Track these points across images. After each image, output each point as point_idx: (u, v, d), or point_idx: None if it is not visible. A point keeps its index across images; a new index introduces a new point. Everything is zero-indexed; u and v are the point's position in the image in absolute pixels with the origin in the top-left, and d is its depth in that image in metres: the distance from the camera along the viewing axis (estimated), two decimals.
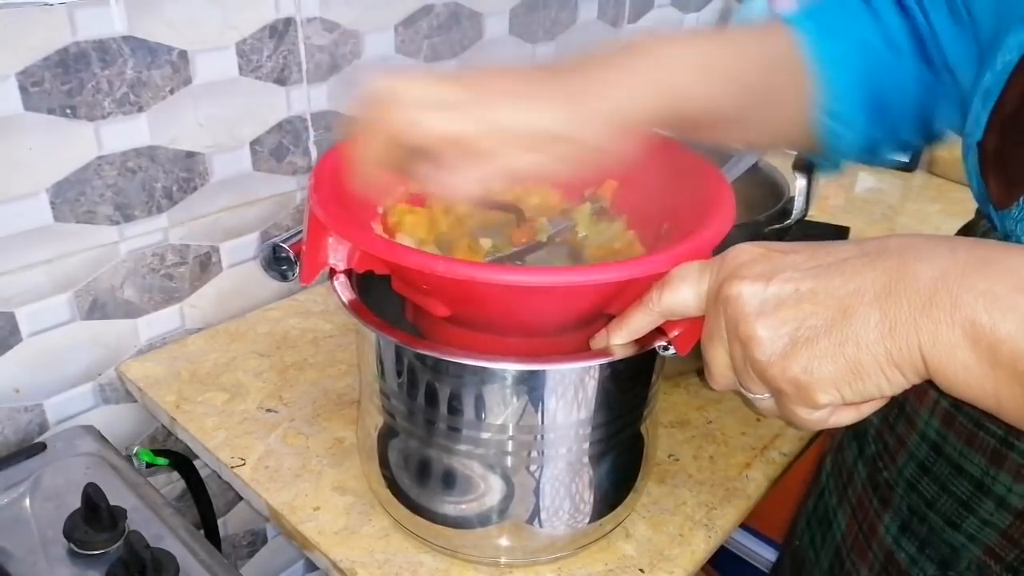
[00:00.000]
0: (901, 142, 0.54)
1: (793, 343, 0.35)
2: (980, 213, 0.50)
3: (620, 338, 0.45)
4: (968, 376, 0.32)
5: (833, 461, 0.63)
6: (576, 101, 0.41)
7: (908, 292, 0.33)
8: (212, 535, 0.84)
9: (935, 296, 0.32)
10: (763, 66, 0.48)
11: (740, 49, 0.48)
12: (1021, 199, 0.41)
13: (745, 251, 0.38)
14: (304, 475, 0.65)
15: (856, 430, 0.59)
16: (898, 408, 0.53)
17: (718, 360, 0.40)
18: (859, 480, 0.57)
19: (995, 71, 0.43)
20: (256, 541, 1.00)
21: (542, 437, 0.51)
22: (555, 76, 0.42)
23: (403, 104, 0.40)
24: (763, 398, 0.39)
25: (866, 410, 0.37)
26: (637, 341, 0.46)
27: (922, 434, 0.50)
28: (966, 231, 0.52)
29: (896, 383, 0.34)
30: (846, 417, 0.37)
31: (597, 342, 0.46)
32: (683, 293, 0.41)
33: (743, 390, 0.39)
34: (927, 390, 0.49)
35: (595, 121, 0.42)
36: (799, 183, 0.68)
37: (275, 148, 0.84)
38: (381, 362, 0.53)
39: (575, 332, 0.52)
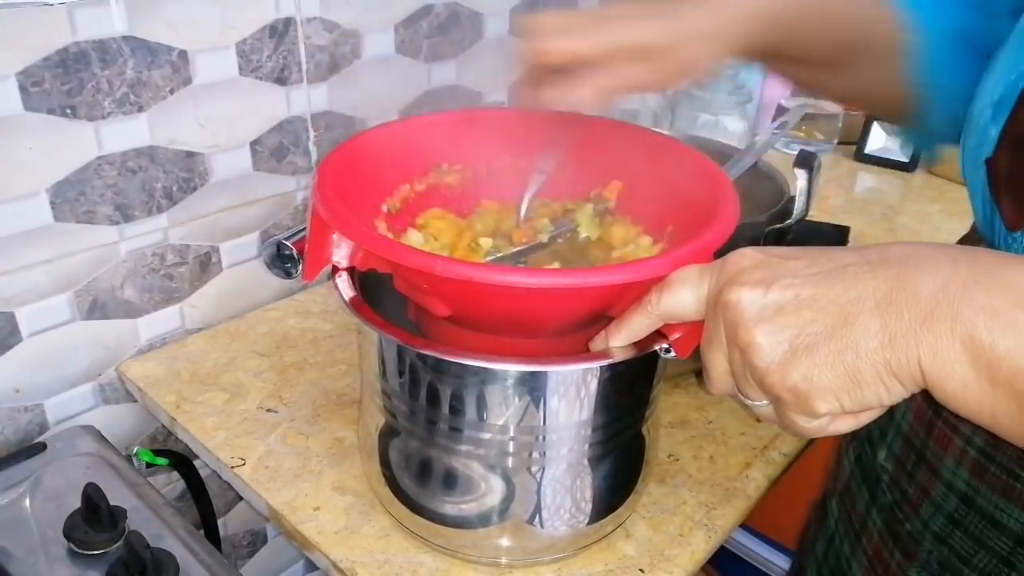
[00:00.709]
0: None
1: (792, 351, 0.35)
2: (974, 230, 0.50)
3: (619, 340, 0.45)
4: (966, 392, 0.32)
5: (841, 506, 0.61)
6: (676, 19, 0.47)
7: (909, 303, 0.32)
8: (212, 535, 0.84)
9: (936, 309, 0.32)
10: (865, 16, 0.52)
11: None
12: None
13: (745, 256, 0.38)
14: (304, 475, 0.65)
15: (865, 474, 0.57)
16: (916, 455, 0.52)
17: (717, 365, 0.39)
18: (874, 529, 0.55)
19: (1008, 82, 0.42)
20: (256, 541, 1.00)
21: (543, 438, 0.51)
22: (664, 1, 0.48)
23: (537, 33, 0.46)
24: (762, 404, 0.38)
25: (864, 419, 0.37)
26: (637, 344, 0.46)
27: (949, 484, 0.49)
28: (964, 243, 0.51)
29: (895, 393, 0.34)
30: (844, 425, 0.37)
31: (596, 344, 0.47)
32: (682, 297, 0.41)
33: (741, 396, 0.39)
34: (951, 437, 0.48)
35: (691, 36, 0.47)
36: (799, 183, 0.68)
37: (275, 148, 0.84)
38: (382, 361, 0.53)
39: (577, 333, 0.52)
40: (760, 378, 0.36)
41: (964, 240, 0.52)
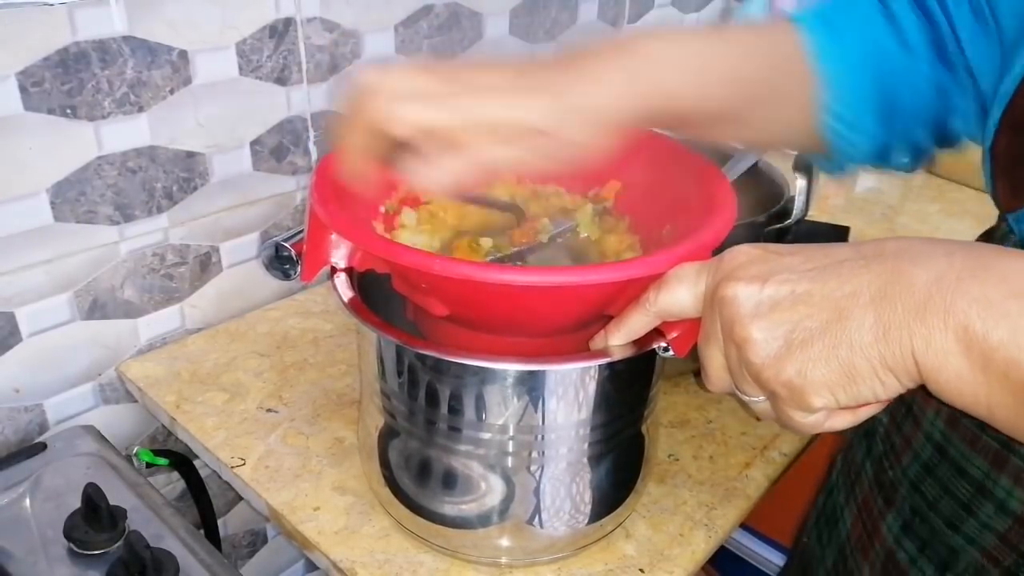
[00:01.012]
0: (913, 147, 0.52)
1: (787, 346, 0.35)
2: (1001, 218, 0.49)
3: (618, 339, 0.45)
4: (961, 383, 0.32)
5: (843, 459, 0.63)
6: (557, 96, 0.40)
7: (903, 296, 0.32)
8: (212, 535, 0.84)
9: (929, 301, 0.32)
10: (764, 64, 0.47)
11: (738, 47, 0.47)
12: None
13: (742, 252, 0.38)
14: (304, 475, 0.65)
15: (867, 428, 0.59)
16: (906, 408, 0.53)
17: (714, 362, 0.39)
18: (866, 479, 0.58)
19: (1012, 75, 0.43)
20: (256, 541, 1.00)
21: (542, 437, 0.51)
22: (539, 70, 0.41)
23: (383, 95, 0.39)
24: (758, 401, 0.38)
25: (863, 414, 0.37)
26: (635, 342, 0.46)
27: (927, 435, 0.50)
28: (987, 237, 0.51)
29: (891, 387, 0.34)
30: (842, 421, 0.37)
31: (596, 343, 0.46)
32: (679, 294, 0.41)
33: (739, 392, 0.39)
34: None
35: (575, 117, 0.40)
36: (799, 183, 0.68)
37: (275, 148, 0.84)
38: (382, 362, 0.53)
39: (576, 332, 0.52)
40: (756, 373, 0.36)
41: (982, 237, 0.52)
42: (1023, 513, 0.45)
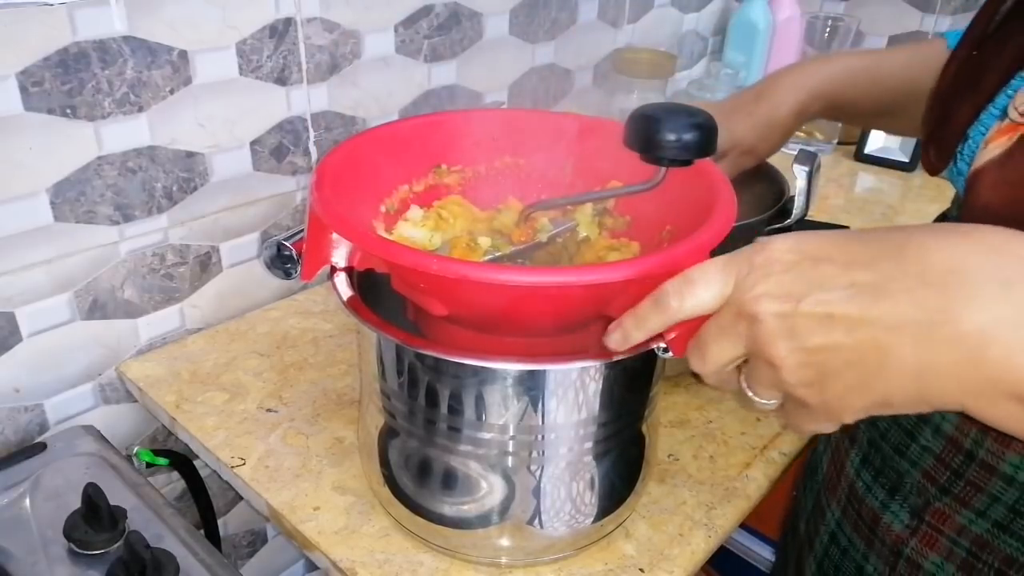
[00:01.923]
0: None
1: (823, 373, 0.34)
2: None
3: (636, 338, 0.42)
4: (1012, 421, 0.31)
5: None
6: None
7: (951, 341, 0.30)
8: (212, 535, 0.84)
9: (982, 351, 0.30)
10: (911, 67, 0.63)
11: (888, 57, 0.67)
12: (954, 159, 0.50)
13: (775, 257, 0.35)
14: (304, 475, 0.65)
15: None
16: None
17: (721, 357, 0.37)
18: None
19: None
20: (256, 541, 1.00)
21: (542, 437, 0.51)
22: None
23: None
24: (770, 404, 0.38)
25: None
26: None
27: None
28: (943, 219, 0.58)
29: (925, 411, 0.33)
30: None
31: (613, 340, 0.43)
32: (704, 297, 0.38)
33: (748, 392, 0.38)
34: None
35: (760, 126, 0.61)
36: (799, 183, 0.68)
37: (275, 148, 0.84)
38: (381, 361, 0.53)
39: (576, 332, 0.52)
40: (786, 389, 0.35)
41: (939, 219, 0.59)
42: (953, 434, 0.50)
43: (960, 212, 0.50)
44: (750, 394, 0.38)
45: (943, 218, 0.63)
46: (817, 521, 0.64)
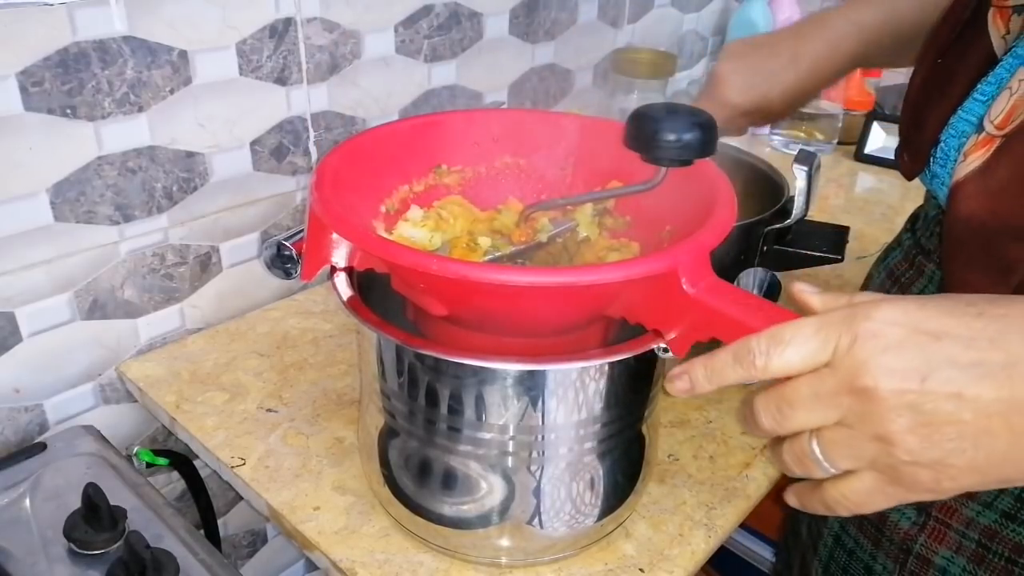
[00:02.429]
0: None
1: (946, 453, 0.32)
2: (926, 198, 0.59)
3: (705, 388, 0.39)
4: None
5: None
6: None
7: None
8: (212, 535, 0.84)
9: None
10: (924, 9, 0.64)
11: (902, 5, 0.67)
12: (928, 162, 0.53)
13: (886, 329, 0.33)
14: (304, 475, 0.65)
15: None
16: None
17: (808, 423, 0.35)
18: None
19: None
20: (256, 541, 1.00)
21: (542, 437, 0.51)
22: None
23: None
24: (835, 471, 0.35)
25: None
26: (635, 343, 0.46)
27: None
28: (915, 217, 0.61)
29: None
30: None
31: (678, 387, 0.40)
32: (795, 362, 0.35)
33: (819, 455, 0.35)
34: None
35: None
36: (798, 183, 0.68)
37: (275, 148, 0.84)
38: (381, 362, 0.53)
39: (576, 332, 0.52)
40: (893, 467, 0.33)
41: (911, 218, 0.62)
42: None
43: (943, 222, 0.51)
44: (820, 459, 0.36)
45: (916, 217, 0.64)
46: (819, 524, 0.63)
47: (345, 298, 0.51)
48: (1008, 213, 0.44)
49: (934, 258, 0.58)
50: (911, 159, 0.57)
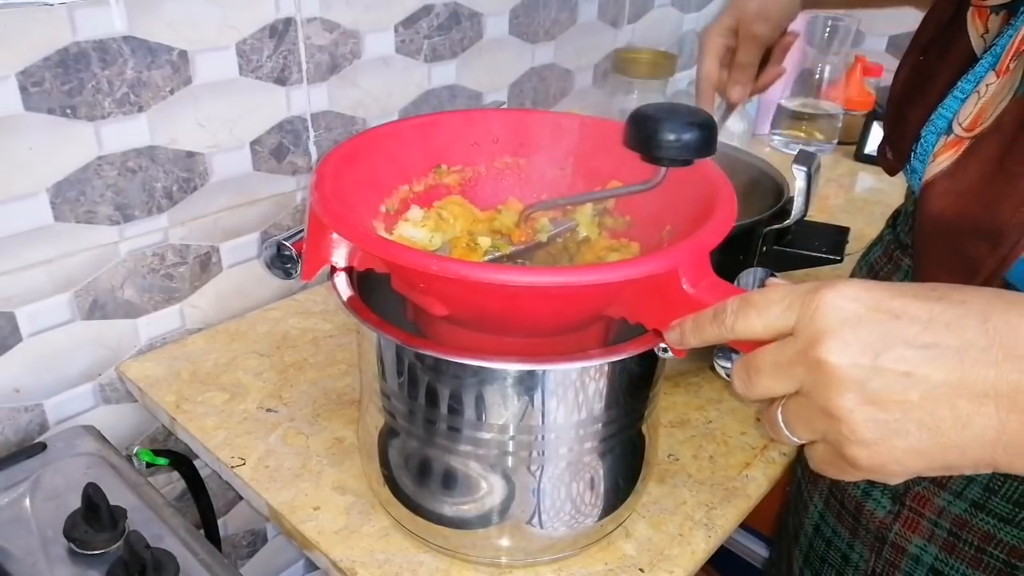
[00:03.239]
0: None
1: (889, 433, 0.32)
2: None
3: (693, 344, 0.41)
4: None
5: None
6: None
7: None
8: (212, 535, 0.84)
9: None
10: None
11: None
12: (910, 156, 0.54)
13: (847, 302, 0.33)
14: (304, 475, 0.65)
15: None
16: None
17: (771, 391, 0.36)
18: None
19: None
20: (256, 541, 1.00)
21: (542, 437, 0.51)
22: None
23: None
24: (798, 441, 0.36)
25: None
26: (635, 343, 0.46)
27: None
28: (896, 213, 0.62)
29: (982, 473, 0.34)
30: None
31: (671, 336, 0.42)
32: (756, 326, 0.36)
33: (781, 425, 0.36)
34: None
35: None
36: (798, 183, 0.68)
37: (275, 148, 0.84)
38: (381, 362, 0.53)
39: (576, 332, 0.52)
40: (841, 444, 0.34)
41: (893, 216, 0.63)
42: None
43: (913, 220, 0.52)
44: (783, 428, 0.37)
45: (898, 214, 0.65)
46: (800, 514, 0.65)
47: (345, 298, 0.51)
48: (974, 214, 0.45)
49: (910, 252, 0.60)
50: (893, 155, 0.58)
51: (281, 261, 0.56)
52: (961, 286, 0.33)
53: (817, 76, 1.32)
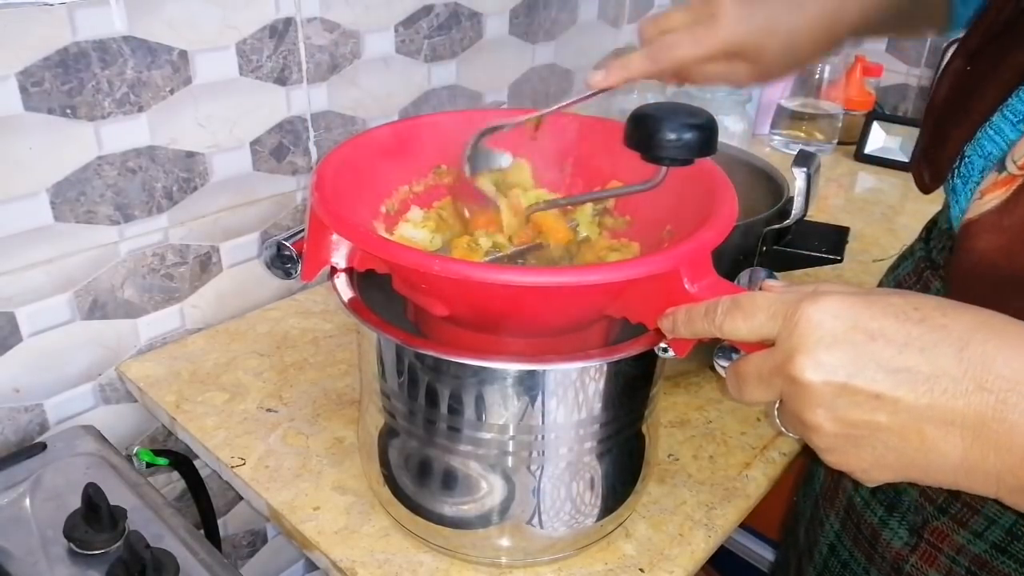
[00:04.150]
0: None
1: (857, 446, 0.34)
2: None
3: (685, 336, 0.42)
4: None
5: None
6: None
7: (999, 448, 0.31)
8: (212, 535, 0.84)
9: None
10: None
11: None
12: (951, 175, 0.50)
13: (825, 321, 0.34)
14: (304, 475, 0.65)
15: None
16: None
17: (756, 399, 0.38)
18: None
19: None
20: (256, 541, 1.00)
21: (542, 437, 0.51)
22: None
23: None
24: (797, 437, 0.38)
25: None
26: (635, 343, 0.46)
27: None
28: (931, 225, 0.59)
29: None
30: None
31: (663, 324, 0.43)
32: (742, 331, 0.38)
33: (778, 421, 0.38)
34: None
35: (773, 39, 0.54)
36: (798, 183, 0.68)
37: (275, 148, 0.84)
38: (381, 362, 0.53)
39: (576, 332, 0.52)
40: (816, 448, 0.36)
41: (930, 223, 0.59)
42: None
43: (952, 261, 0.49)
44: (779, 423, 0.38)
45: (931, 227, 0.60)
46: (816, 531, 0.64)
47: (346, 299, 0.51)
48: (1022, 259, 0.43)
49: (940, 273, 0.55)
50: (929, 173, 0.54)
51: (281, 261, 0.56)
52: (948, 304, 0.34)
53: (817, 76, 1.32)
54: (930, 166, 0.54)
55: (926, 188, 0.55)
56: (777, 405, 0.38)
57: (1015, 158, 0.44)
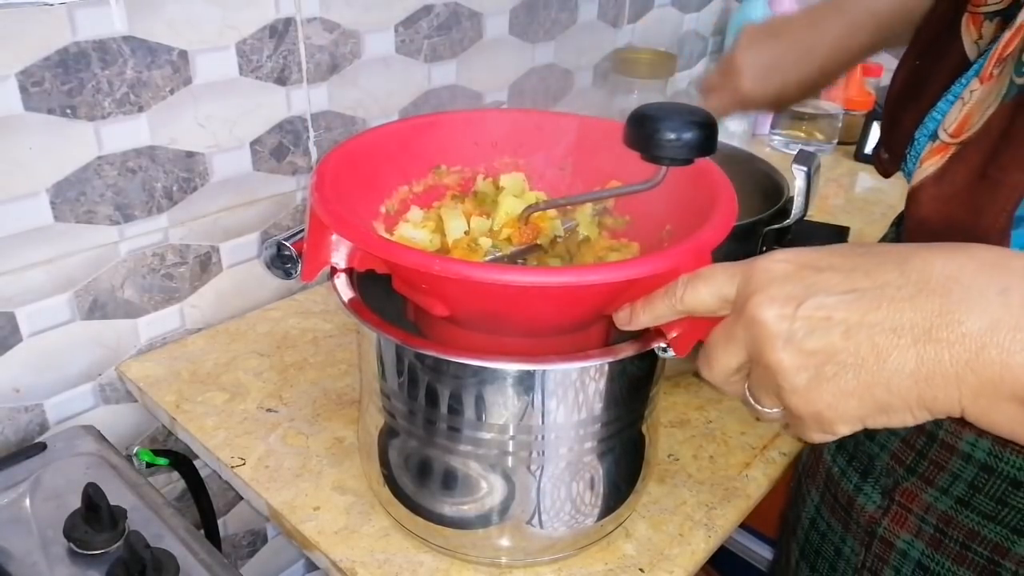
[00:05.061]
0: None
1: (819, 377, 0.34)
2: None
3: (644, 322, 0.43)
4: (1011, 423, 0.32)
5: None
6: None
7: (951, 343, 0.31)
8: (212, 535, 0.84)
9: (982, 352, 0.31)
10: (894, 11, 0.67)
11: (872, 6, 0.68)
12: (905, 158, 0.54)
13: (776, 264, 0.36)
14: (304, 475, 0.65)
15: None
16: None
17: (725, 366, 0.39)
18: None
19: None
20: (256, 541, 1.00)
21: (542, 437, 0.51)
22: None
23: None
24: (773, 412, 0.38)
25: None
26: (636, 342, 0.46)
27: None
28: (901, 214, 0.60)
29: (923, 419, 0.33)
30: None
31: (620, 317, 0.45)
32: (704, 295, 0.39)
33: (751, 400, 0.39)
34: None
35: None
36: (798, 183, 0.68)
37: (275, 148, 0.84)
38: (381, 362, 0.53)
39: (576, 332, 0.52)
40: (782, 396, 0.36)
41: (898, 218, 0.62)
42: None
43: (900, 226, 0.53)
44: (753, 402, 0.39)
45: (902, 216, 0.63)
46: (799, 507, 0.65)
47: (346, 299, 0.51)
48: (959, 220, 0.45)
49: None
50: (888, 157, 0.59)
51: (281, 261, 0.56)
52: (897, 245, 0.35)
53: None
54: (888, 151, 0.59)
55: (886, 172, 0.60)
56: (747, 385, 0.39)
57: (945, 127, 0.48)
